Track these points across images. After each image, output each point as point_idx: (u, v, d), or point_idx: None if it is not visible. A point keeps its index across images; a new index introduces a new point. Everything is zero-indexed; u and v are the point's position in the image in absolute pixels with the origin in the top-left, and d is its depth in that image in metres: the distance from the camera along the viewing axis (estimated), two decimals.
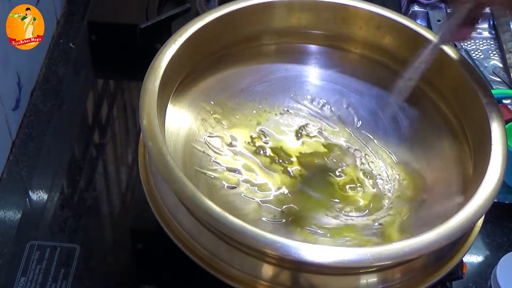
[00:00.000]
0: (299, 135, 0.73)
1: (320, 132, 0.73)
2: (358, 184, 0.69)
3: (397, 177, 0.70)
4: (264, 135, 0.73)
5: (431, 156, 0.71)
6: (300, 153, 0.72)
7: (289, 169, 0.70)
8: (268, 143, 0.72)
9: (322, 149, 0.72)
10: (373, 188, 0.69)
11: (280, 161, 0.71)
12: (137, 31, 0.86)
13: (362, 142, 0.73)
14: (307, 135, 0.73)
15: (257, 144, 0.72)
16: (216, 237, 0.58)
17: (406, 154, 0.72)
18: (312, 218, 0.67)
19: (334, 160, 0.71)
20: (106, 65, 0.91)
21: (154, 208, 0.62)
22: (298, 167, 0.71)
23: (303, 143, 0.73)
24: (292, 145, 0.73)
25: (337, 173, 0.70)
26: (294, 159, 0.71)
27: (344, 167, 0.71)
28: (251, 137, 0.72)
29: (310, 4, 0.75)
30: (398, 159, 0.72)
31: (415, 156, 0.71)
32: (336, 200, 0.68)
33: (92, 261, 0.70)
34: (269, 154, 0.71)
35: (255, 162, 0.70)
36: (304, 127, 0.74)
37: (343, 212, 0.67)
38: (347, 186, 0.69)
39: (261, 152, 0.71)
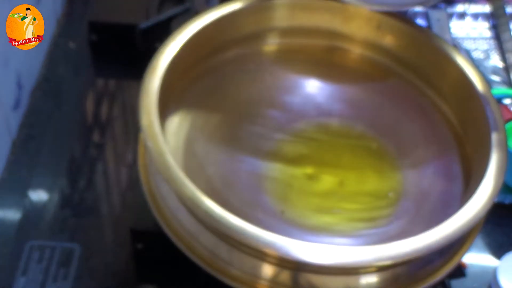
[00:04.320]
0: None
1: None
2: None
3: (397, 177, 0.70)
4: (264, 135, 0.73)
5: (432, 156, 0.71)
6: (301, 153, 0.72)
7: (290, 169, 0.70)
8: (268, 142, 0.72)
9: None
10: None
11: (280, 162, 0.71)
12: (137, 31, 0.86)
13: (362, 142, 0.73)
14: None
15: (257, 144, 0.72)
16: (216, 237, 0.58)
17: (407, 154, 0.72)
18: (312, 216, 0.67)
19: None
20: (106, 65, 0.91)
21: (154, 208, 0.62)
22: (298, 167, 0.71)
23: (302, 144, 0.73)
24: (292, 146, 0.73)
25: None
26: (293, 159, 0.71)
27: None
28: (251, 137, 0.72)
29: (310, 4, 0.75)
30: (398, 160, 0.72)
31: (415, 157, 0.71)
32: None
33: (92, 261, 0.70)
34: (269, 155, 0.71)
35: (255, 162, 0.70)
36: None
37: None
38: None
39: (262, 152, 0.71)
